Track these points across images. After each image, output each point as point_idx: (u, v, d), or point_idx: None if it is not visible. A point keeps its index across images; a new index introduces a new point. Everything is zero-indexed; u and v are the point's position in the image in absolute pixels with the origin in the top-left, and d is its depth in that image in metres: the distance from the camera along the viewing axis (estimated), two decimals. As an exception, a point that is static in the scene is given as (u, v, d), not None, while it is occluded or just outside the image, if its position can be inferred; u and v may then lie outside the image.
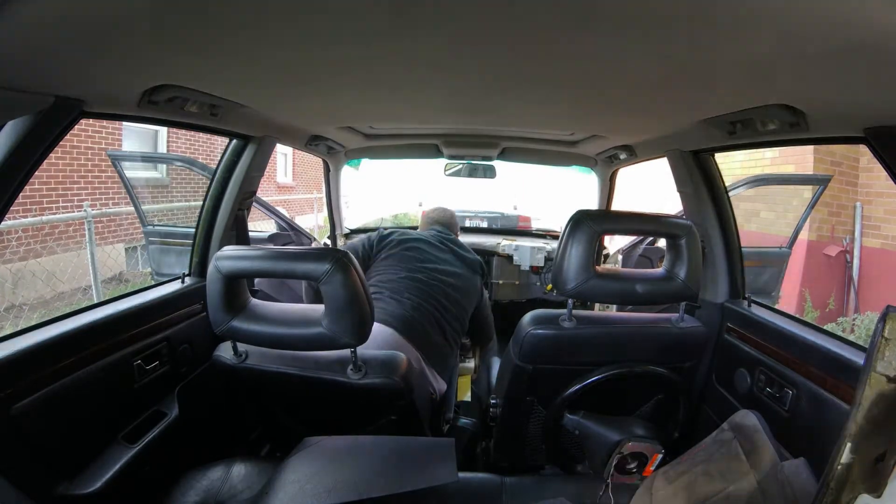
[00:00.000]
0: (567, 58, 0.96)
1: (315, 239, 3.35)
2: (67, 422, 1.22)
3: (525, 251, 3.23)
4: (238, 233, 1.89)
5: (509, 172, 3.51)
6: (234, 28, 0.83)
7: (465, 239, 3.37)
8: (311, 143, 2.37)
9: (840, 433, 0.73)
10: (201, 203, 1.87)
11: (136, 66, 1.02)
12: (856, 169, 5.43)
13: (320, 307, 1.22)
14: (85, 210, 4.87)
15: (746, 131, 1.36)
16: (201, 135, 7.92)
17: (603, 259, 3.19)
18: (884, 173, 1.11)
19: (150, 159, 7.70)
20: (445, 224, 2.24)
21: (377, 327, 1.66)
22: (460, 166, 2.90)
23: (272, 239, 2.98)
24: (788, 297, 5.27)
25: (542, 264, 3.24)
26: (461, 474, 1.08)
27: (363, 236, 2.10)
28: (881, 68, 0.81)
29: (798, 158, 5.36)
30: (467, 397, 2.44)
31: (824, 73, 0.89)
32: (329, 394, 1.35)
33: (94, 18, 0.73)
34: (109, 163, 4.80)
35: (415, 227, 2.35)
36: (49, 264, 5.03)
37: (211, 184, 1.85)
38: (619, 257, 3.11)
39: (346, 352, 1.27)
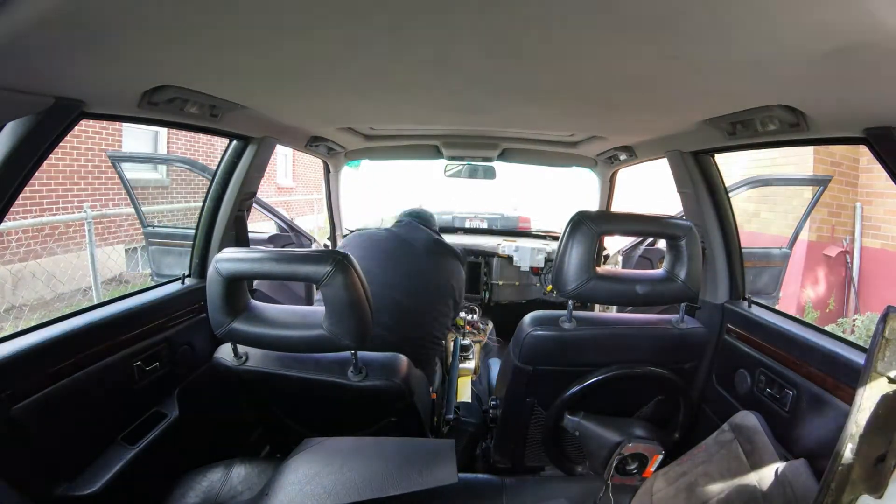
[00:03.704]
0: (567, 58, 0.96)
1: (315, 240, 3.36)
2: (67, 423, 1.22)
3: (525, 252, 3.23)
4: (238, 234, 1.89)
5: (509, 173, 3.51)
6: (234, 29, 0.83)
7: (464, 240, 3.38)
8: (311, 144, 2.37)
9: (840, 434, 0.73)
10: (201, 204, 1.87)
11: (135, 67, 1.02)
12: (856, 169, 5.44)
13: (321, 309, 1.22)
14: (85, 211, 4.87)
15: (746, 132, 1.36)
16: (201, 136, 7.93)
17: (603, 260, 3.19)
18: (884, 174, 1.11)
19: (151, 160, 7.70)
20: (415, 215, 2.04)
21: None
22: (460, 167, 2.89)
23: (272, 240, 2.99)
24: (789, 297, 5.27)
25: (542, 265, 3.24)
26: (461, 475, 1.08)
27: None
28: (881, 69, 0.81)
29: (798, 159, 5.37)
30: (467, 398, 2.44)
31: (824, 73, 0.89)
32: (329, 396, 1.35)
33: (94, 19, 0.73)
34: (109, 164, 4.80)
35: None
36: (49, 265, 5.03)
37: (211, 185, 1.85)
38: (620, 258, 3.11)
39: (347, 354, 1.27)
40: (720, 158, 1.80)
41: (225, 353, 1.35)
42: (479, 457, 2.02)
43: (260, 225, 4.68)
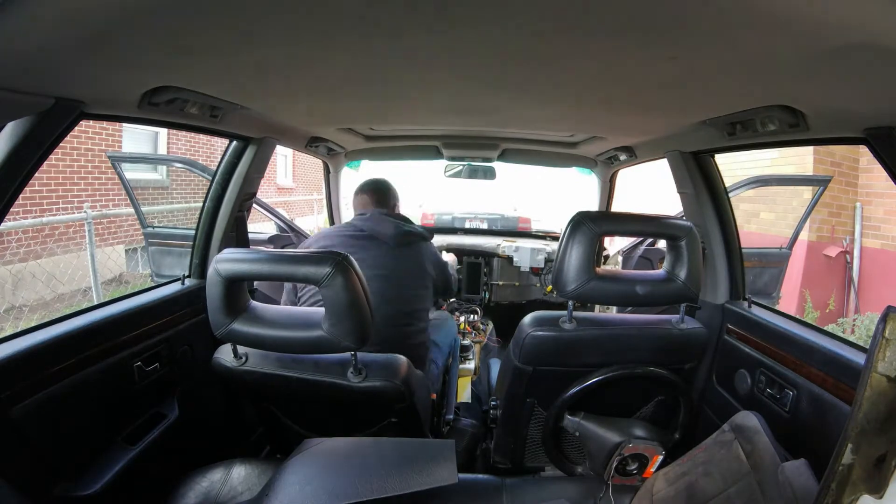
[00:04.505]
0: (567, 59, 0.96)
1: (315, 240, 3.35)
2: (68, 423, 1.22)
3: (525, 252, 3.23)
4: (238, 234, 1.89)
5: (509, 174, 3.51)
6: (234, 30, 0.83)
7: (465, 240, 3.38)
8: (311, 144, 2.37)
9: (841, 434, 0.73)
10: (201, 205, 1.87)
11: (136, 68, 1.02)
12: (856, 170, 5.43)
13: (320, 310, 1.22)
14: (85, 211, 4.87)
15: (746, 132, 1.36)
16: (201, 136, 7.93)
17: (603, 260, 3.19)
18: (884, 174, 1.10)
19: (151, 161, 7.69)
20: (382, 201, 1.94)
21: None
22: (460, 168, 2.89)
23: (272, 240, 2.99)
24: (789, 297, 5.27)
25: (542, 265, 3.24)
26: (461, 476, 1.08)
27: None
28: (881, 69, 0.81)
29: (798, 159, 5.37)
30: (467, 399, 2.44)
31: (824, 73, 0.89)
32: (329, 397, 1.35)
33: (95, 20, 0.73)
34: (109, 164, 4.80)
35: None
36: (49, 266, 5.03)
37: (211, 185, 1.85)
38: (620, 258, 3.11)
39: (347, 355, 1.27)
40: (720, 158, 1.80)
41: (225, 353, 1.35)
42: (479, 457, 2.02)
43: (260, 226, 4.68)
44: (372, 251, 1.75)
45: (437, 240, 3.35)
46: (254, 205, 2.11)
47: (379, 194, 1.96)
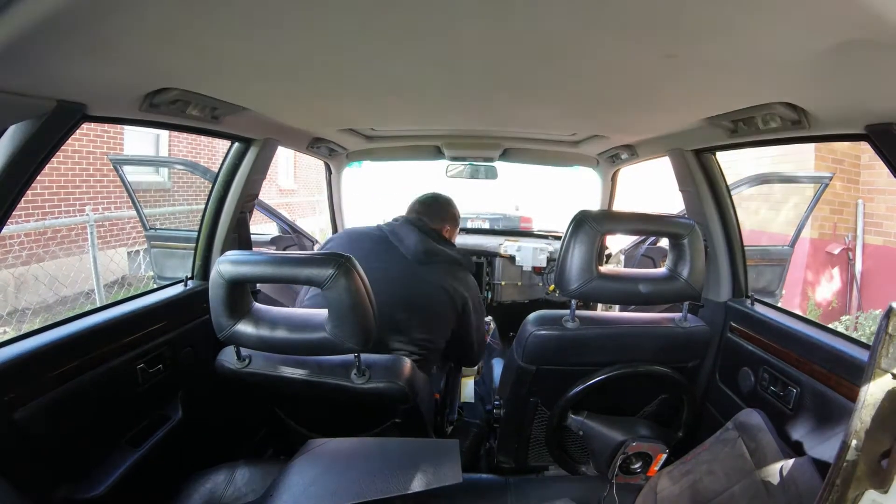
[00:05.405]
0: (569, 57, 0.96)
1: (317, 241, 3.36)
2: (71, 425, 1.23)
3: (527, 252, 3.22)
4: (240, 236, 1.89)
5: (511, 173, 3.50)
6: (236, 31, 0.84)
7: (467, 240, 3.37)
8: (313, 145, 2.37)
9: (845, 430, 0.73)
10: (203, 206, 1.87)
11: (137, 70, 1.02)
12: (857, 166, 5.43)
13: (323, 312, 1.23)
14: (87, 214, 4.89)
15: (748, 130, 1.36)
16: (203, 138, 7.95)
17: (605, 259, 3.18)
18: (885, 170, 1.10)
19: (152, 163, 7.70)
20: (425, 213, 1.79)
21: None
22: (462, 167, 2.89)
23: (274, 241, 2.99)
24: (791, 295, 5.26)
25: (544, 265, 3.24)
26: (465, 475, 1.08)
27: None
28: (883, 66, 0.81)
29: (799, 157, 5.36)
30: (471, 398, 2.44)
31: (826, 70, 0.89)
32: (333, 398, 1.35)
33: (97, 22, 0.74)
34: (111, 167, 4.81)
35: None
36: (52, 268, 5.05)
37: (213, 187, 1.85)
38: (622, 257, 3.11)
39: (350, 356, 1.27)
40: (722, 156, 1.80)
41: (228, 355, 1.35)
42: (482, 457, 2.02)
43: (261, 227, 4.68)
44: (382, 264, 1.59)
45: None
46: (255, 207, 2.11)
47: (424, 206, 1.81)
